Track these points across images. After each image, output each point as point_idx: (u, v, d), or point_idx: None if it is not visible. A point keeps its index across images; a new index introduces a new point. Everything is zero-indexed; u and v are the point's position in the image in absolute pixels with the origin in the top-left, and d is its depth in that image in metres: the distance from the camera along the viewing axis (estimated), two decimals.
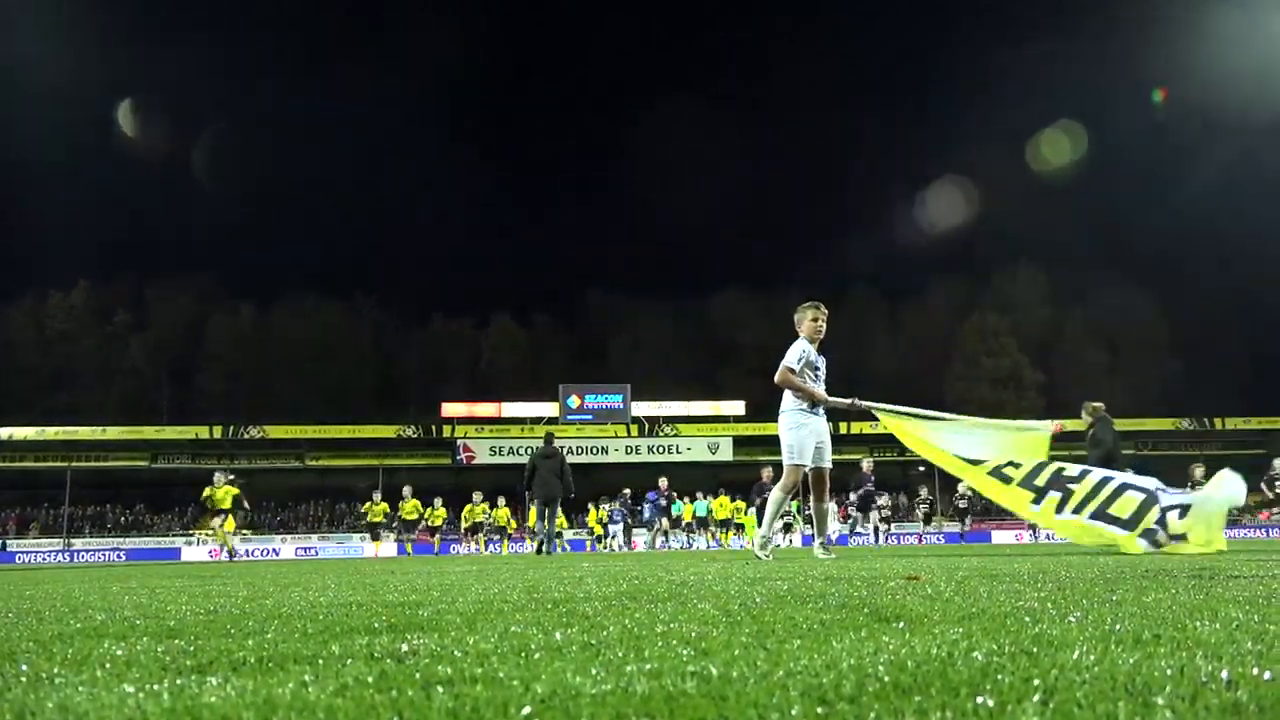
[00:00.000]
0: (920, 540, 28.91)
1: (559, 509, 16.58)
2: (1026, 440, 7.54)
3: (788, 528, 24.06)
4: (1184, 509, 6.33)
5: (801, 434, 7.33)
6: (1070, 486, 6.88)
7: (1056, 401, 53.48)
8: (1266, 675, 1.12)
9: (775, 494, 7.47)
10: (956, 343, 59.95)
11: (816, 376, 7.44)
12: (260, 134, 68.83)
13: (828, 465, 7.46)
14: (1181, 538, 6.25)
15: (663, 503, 25.98)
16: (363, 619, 2.36)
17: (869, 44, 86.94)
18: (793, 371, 7.32)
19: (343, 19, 79.33)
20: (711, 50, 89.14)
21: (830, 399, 7.45)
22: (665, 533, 26.60)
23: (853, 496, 23.87)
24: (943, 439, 7.81)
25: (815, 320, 7.45)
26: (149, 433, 47.04)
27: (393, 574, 6.22)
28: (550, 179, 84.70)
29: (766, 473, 20.77)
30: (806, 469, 7.38)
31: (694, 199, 72.45)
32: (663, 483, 26.09)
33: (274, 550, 39.12)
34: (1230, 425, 47.36)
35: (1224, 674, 1.13)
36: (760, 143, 75.45)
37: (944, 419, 8.16)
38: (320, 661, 1.51)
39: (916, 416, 7.96)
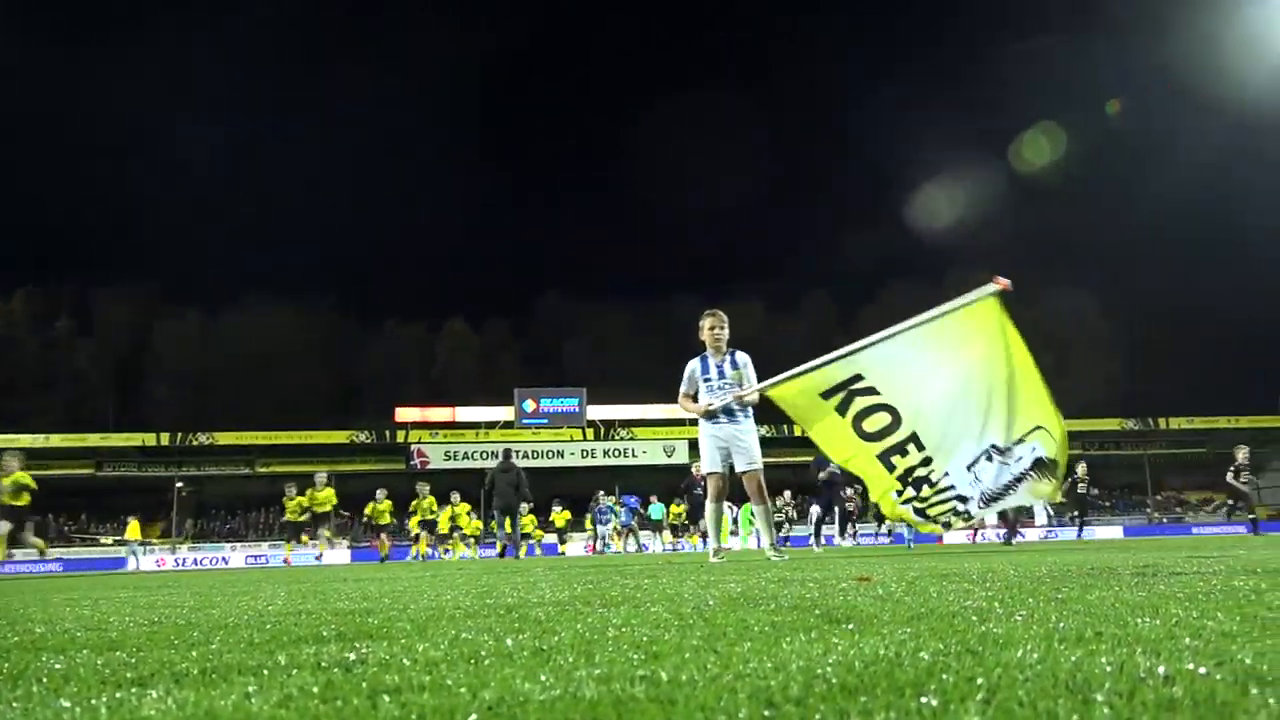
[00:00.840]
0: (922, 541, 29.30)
1: (520, 516, 17.70)
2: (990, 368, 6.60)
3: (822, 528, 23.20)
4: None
5: (706, 443, 7.69)
6: (924, 489, 6.77)
7: None
8: (1202, 670, 1.15)
9: (707, 505, 7.87)
10: None
11: (709, 385, 7.64)
12: (208, 137, 67.91)
13: (748, 468, 7.55)
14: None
15: (701, 491, 24.19)
16: (311, 628, 2.32)
17: (836, 55, 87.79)
18: (683, 395, 7.85)
19: (330, 20, 78.56)
20: (665, 62, 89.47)
21: (711, 405, 7.61)
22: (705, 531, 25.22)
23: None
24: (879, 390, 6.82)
25: (712, 329, 7.75)
26: (93, 440, 46.05)
27: (344, 581, 6.15)
28: (504, 183, 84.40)
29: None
30: (735, 474, 7.65)
31: (650, 203, 72.65)
32: (697, 470, 24.45)
33: (223, 559, 38.46)
34: (1174, 425, 48.47)
35: (1161, 670, 1.15)
36: (719, 152, 75.95)
37: (867, 343, 6.98)
38: (265, 672, 1.48)
39: (828, 363, 6.99)
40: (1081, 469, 19.67)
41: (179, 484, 45.85)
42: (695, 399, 7.74)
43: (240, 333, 58.99)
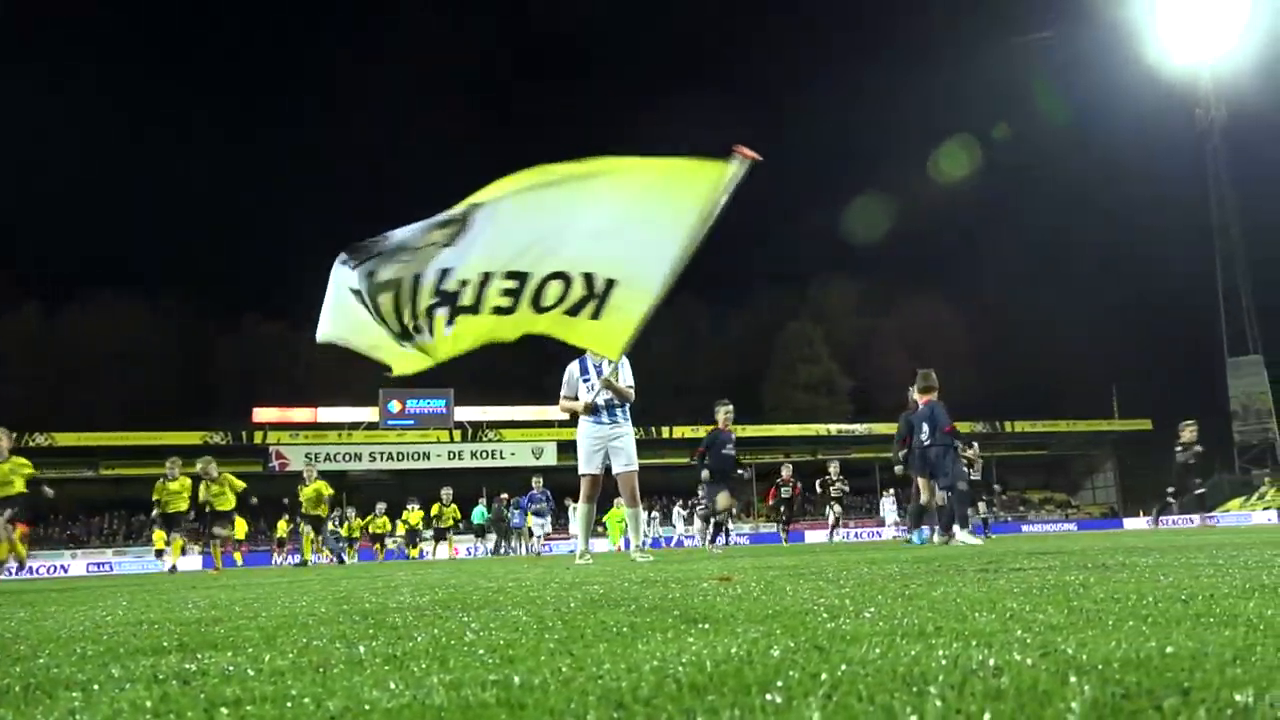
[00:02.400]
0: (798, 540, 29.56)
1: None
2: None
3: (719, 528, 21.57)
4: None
5: (584, 444, 7.76)
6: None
7: (865, 407, 56.47)
8: (1029, 662, 1.21)
9: (579, 505, 7.85)
10: (775, 350, 62.13)
11: (589, 385, 7.79)
12: (50, 117, 63.87)
13: (625, 469, 7.65)
14: None
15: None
16: (152, 638, 2.21)
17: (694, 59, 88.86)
18: (564, 398, 7.93)
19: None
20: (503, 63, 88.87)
21: (591, 397, 7.71)
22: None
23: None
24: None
25: None
26: None
27: (193, 589, 5.88)
28: (364, 173, 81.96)
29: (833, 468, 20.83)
30: (604, 475, 7.74)
31: None
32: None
33: (62, 567, 36.25)
34: (1018, 428, 51.15)
35: (992, 662, 1.21)
36: (576, 147, 75.82)
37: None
38: (96, 686, 1.40)
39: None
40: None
41: None
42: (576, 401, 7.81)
43: (85, 329, 55.74)
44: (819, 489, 22.54)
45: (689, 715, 0.99)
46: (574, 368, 7.86)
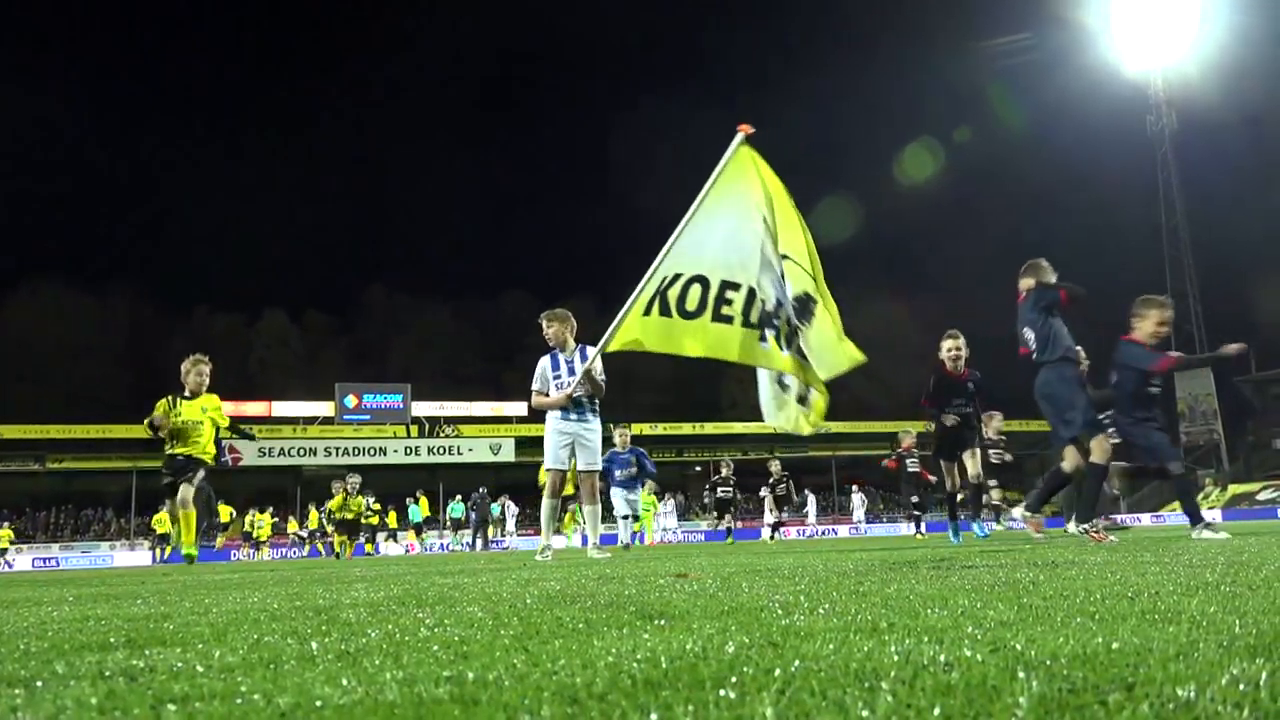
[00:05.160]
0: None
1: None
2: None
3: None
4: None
5: (552, 439, 7.75)
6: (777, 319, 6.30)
7: None
8: (979, 657, 1.23)
9: (545, 501, 7.94)
10: None
11: (560, 383, 7.76)
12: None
13: (588, 468, 7.69)
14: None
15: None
16: (98, 634, 2.17)
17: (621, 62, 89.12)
18: (536, 393, 7.86)
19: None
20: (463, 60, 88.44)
21: (570, 389, 7.62)
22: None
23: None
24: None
25: (545, 330, 7.82)
26: None
27: (143, 584, 5.78)
28: (326, 168, 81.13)
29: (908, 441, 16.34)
30: (572, 471, 7.84)
31: (480, 200, 71.62)
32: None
33: (7, 563, 35.42)
34: None
35: (942, 658, 1.23)
36: (538, 152, 75.95)
37: (666, 250, 6.41)
38: (39, 683, 1.37)
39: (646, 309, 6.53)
40: (909, 438, 15.41)
41: None
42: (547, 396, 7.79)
43: (31, 317, 54.54)
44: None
45: (643, 711, 0.99)
46: (545, 363, 7.85)
